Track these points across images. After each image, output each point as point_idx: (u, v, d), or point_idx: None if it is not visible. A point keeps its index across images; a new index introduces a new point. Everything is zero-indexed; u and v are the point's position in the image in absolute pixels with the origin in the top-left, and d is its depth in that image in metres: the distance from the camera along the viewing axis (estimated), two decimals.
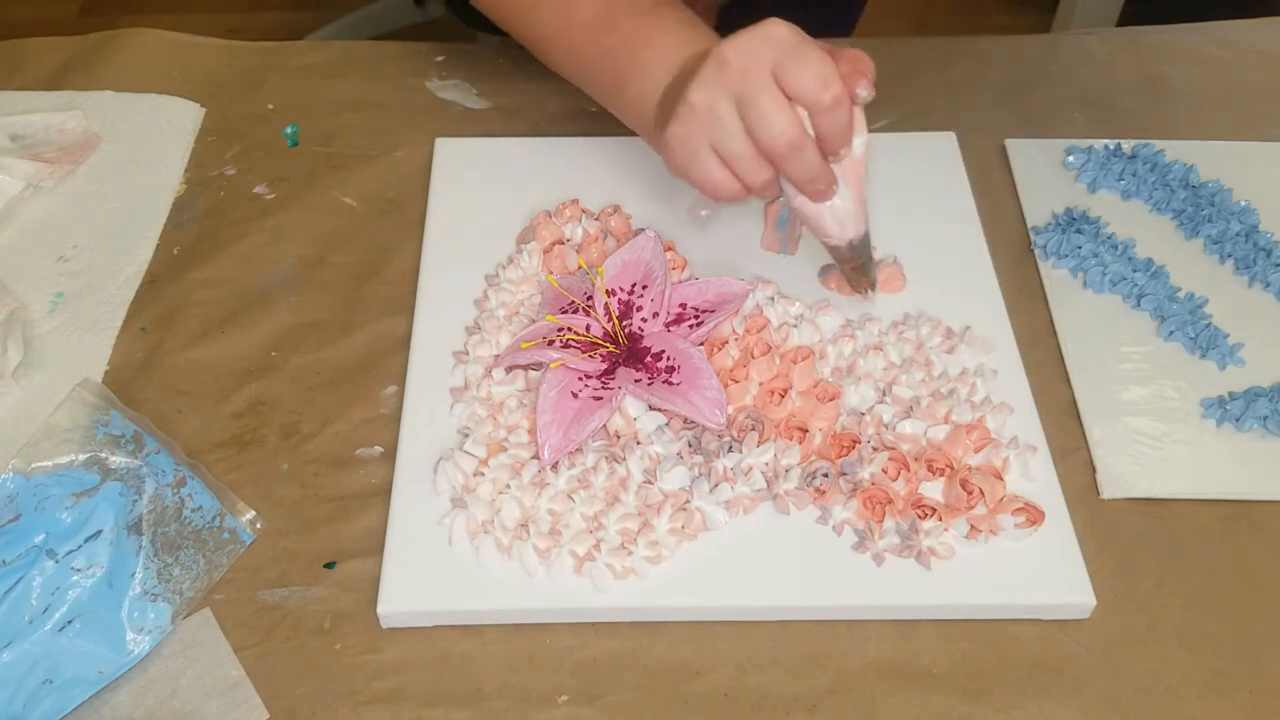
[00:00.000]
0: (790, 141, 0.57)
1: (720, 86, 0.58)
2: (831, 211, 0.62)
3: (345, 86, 0.85)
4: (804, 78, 0.56)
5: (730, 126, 0.58)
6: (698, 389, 0.60)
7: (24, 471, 0.59)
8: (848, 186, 0.61)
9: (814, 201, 0.61)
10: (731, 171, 0.60)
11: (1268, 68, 0.88)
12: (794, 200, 0.62)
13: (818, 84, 0.56)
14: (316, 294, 0.71)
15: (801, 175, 0.59)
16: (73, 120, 0.80)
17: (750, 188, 0.61)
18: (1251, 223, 0.74)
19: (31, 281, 0.71)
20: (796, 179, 0.60)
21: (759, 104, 0.57)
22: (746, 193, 0.61)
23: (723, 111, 0.58)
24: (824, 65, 0.57)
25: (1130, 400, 0.65)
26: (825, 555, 0.58)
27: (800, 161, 0.58)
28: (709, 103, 0.58)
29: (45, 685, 0.53)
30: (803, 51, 0.57)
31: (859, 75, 0.58)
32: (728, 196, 0.61)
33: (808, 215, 0.62)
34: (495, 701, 0.54)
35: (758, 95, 0.57)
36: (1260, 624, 0.57)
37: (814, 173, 0.59)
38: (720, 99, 0.58)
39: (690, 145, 0.60)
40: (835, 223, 0.62)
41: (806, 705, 0.54)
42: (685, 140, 0.60)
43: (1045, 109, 0.84)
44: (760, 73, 0.57)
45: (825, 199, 0.61)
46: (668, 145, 0.61)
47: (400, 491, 0.60)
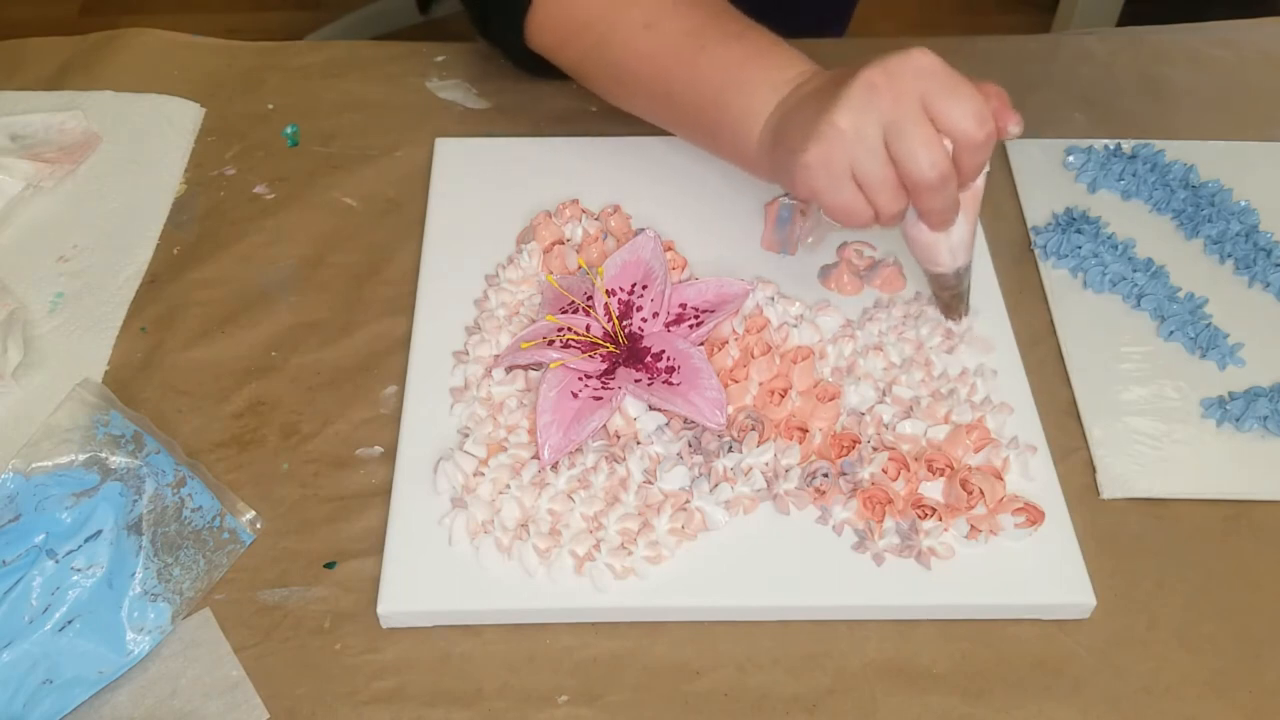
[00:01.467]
0: (941, 175, 0.57)
1: (869, 112, 0.57)
2: (947, 240, 0.61)
3: (345, 86, 0.85)
4: (959, 112, 0.56)
5: (876, 154, 0.57)
6: (698, 389, 0.60)
7: (24, 471, 0.59)
8: (965, 216, 0.61)
9: (934, 231, 0.61)
10: (867, 199, 0.59)
11: (1268, 68, 0.88)
12: (910, 229, 0.62)
13: (973, 120, 0.56)
14: (316, 294, 0.71)
15: (937, 207, 0.59)
16: (73, 120, 0.80)
17: (881, 215, 0.60)
18: (1251, 223, 0.74)
19: (31, 281, 0.71)
20: (931, 211, 0.59)
21: (911, 135, 0.56)
22: (875, 220, 0.60)
23: (870, 137, 0.57)
24: (979, 101, 0.56)
25: (1130, 400, 0.65)
26: (825, 555, 0.58)
27: (942, 195, 0.58)
28: (857, 127, 0.57)
29: (45, 685, 0.53)
30: (956, 85, 0.56)
31: (1008, 111, 0.58)
32: (859, 223, 0.60)
33: (923, 244, 0.62)
34: (495, 701, 0.54)
35: (909, 126, 0.56)
36: (1260, 624, 0.57)
37: (949, 205, 0.59)
38: (868, 124, 0.57)
39: (831, 169, 0.58)
40: (949, 252, 0.62)
41: (806, 705, 0.54)
42: (828, 163, 0.58)
43: (1045, 109, 0.84)
44: (912, 102, 0.56)
45: (946, 229, 0.61)
46: (805, 166, 0.59)
47: (400, 491, 0.60)
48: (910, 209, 0.60)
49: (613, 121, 0.82)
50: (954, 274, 0.64)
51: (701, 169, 0.77)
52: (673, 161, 0.77)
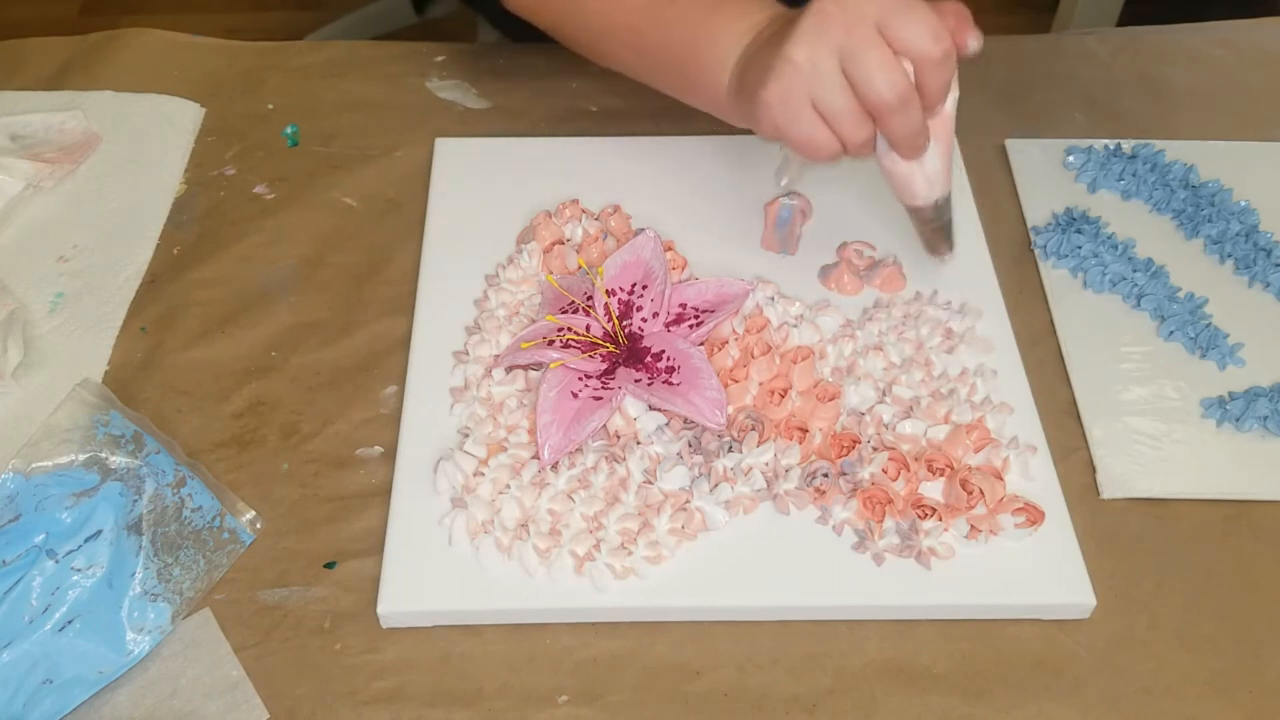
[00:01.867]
0: (899, 96, 0.56)
1: (823, 41, 0.57)
2: (922, 170, 0.61)
3: (345, 86, 0.85)
4: (913, 31, 0.56)
5: (833, 82, 0.57)
6: (698, 389, 0.60)
7: (24, 471, 0.59)
8: (938, 144, 0.60)
9: (906, 159, 0.61)
10: (831, 129, 0.59)
11: (1268, 68, 0.88)
12: (885, 160, 0.61)
13: (928, 37, 0.56)
14: (316, 294, 0.71)
15: (903, 132, 0.58)
16: (73, 120, 0.80)
17: (849, 145, 0.59)
18: (1251, 223, 0.74)
19: (31, 281, 0.71)
20: (897, 135, 0.59)
21: (866, 58, 0.56)
22: (843, 151, 0.60)
23: (826, 67, 0.57)
24: (932, 18, 0.56)
25: (1130, 400, 0.65)
26: (825, 555, 0.58)
27: (904, 118, 0.58)
28: (811, 58, 0.57)
29: (45, 685, 0.53)
30: (908, 4, 0.56)
31: (966, 27, 0.58)
32: (826, 155, 0.60)
33: (898, 175, 0.62)
34: (495, 701, 0.54)
35: (864, 50, 0.56)
36: (1260, 624, 0.57)
37: (915, 129, 0.58)
38: (823, 54, 0.57)
39: (791, 102, 0.58)
40: (925, 181, 0.62)
41: (806, 705, 0.54)
42: (786, 97, 0.58)
43: (1045, 109, 0.84)
44: (865, 27, 0.56)
45: (918, 156, 0.60)
46: (764, 104, 0.59)
47: (400, 491, 0.60)
48: (881, 140, 0.60)
49: (613, 121, 0.82)
50: (933, 207, 0.63)
51: (701, 169, 0.77)
52: (673, 161, 0.77)
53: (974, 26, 0.58)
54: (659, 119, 0.80)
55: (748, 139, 0.76)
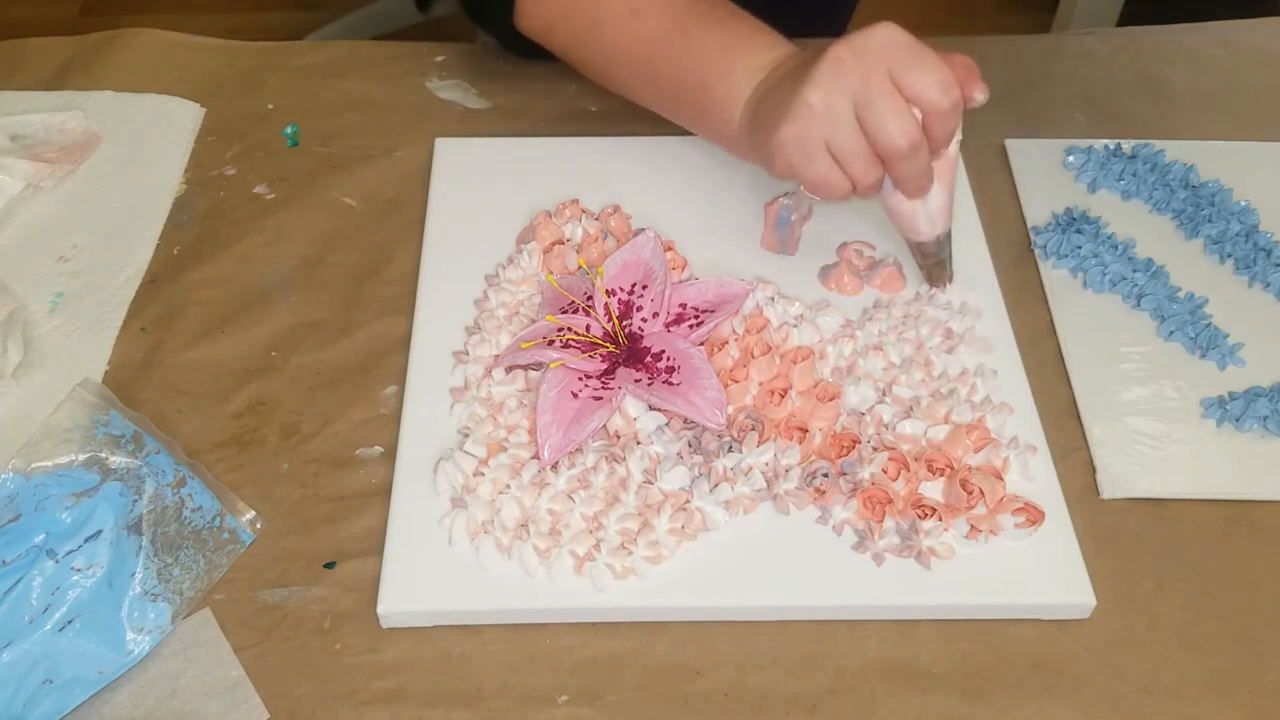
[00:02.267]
0: (912, 143, 0.59)
1: (839, 88, 0.59)
2: (924, 208, 0.64)
3: (345, 86, 0.85)
4: (924, 82, 0.58)
5: (848, 126, 0.60)
6: (698, 389, 0.60)
7: (24, 471, 0.59)
8: (941, 184, 0.63)
9: (910, 199, 0.63)
10: (843, 171, 0.61)
11: (1268, 68, 0.88)
12: (888, 198, 0.64)
13: (938, 89, 0.58)
14: (316, 294, 0.71)
15: (911, 174, 0.61)
16: (73, 120, 0.80)
17: (858, 186, 0.62)
18: (1251, 223, 0.74)
19: (31, 281, 0.71)
20: (905, 178, 0.62)
21: (880, 106, 0.58)
22: (853, 191, 0.63)
23: (840, 111, 0.59)
24: (943, 70, 0.58)
25: (1130, 400, 0.65)
26: (825, 555, 0.58)
27: (913, 163, 0.60)
28: (827, 102, 0.59)
29: (45, 685, 0.53)
30: (920, 55, 0.58)
31: (974, 79, 0.60)
32: (836, 195, 0.63)
33: (902, 213, 0.64)
34: (495, 701, 0.54)
35: (879, 98, 0.58)
36: (1260, 624, 0.57)
37: (922, 172, 0.61)
38: (838, 99, 0.59)
39: (807, 144, 0.61)
40: (927, 219, 0.64)
41: (806, 705, 0.54)
42: (801, 140, 0.61)
43: (1045, 109, 0.84)
44: (880, 75, 0.58)
45: (922, 196, 0.63)
46: (780, 144, 0.62)
47: (400, 491, 0.60)
48: (887, 180, 0.63)
49: (613, 121, 0.82)
50: (934, 241, 0.66)
51: (701, 169, 0.77)
52: (673, 161, 0.77)
53: (980, 79, 0.61)
54: (659, 119, 0.80)
55: None
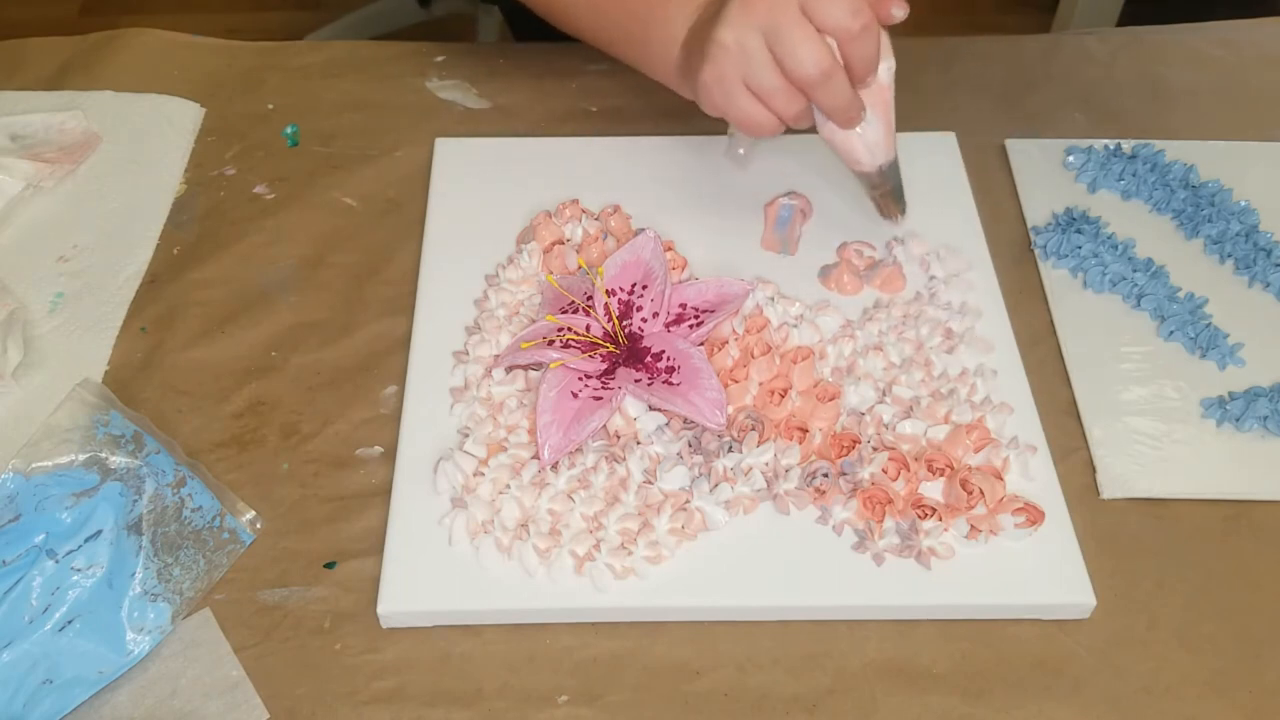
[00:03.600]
0: (822, 71, 0.59)
1: (748, 23, 0.59)
2: (861, 139, 0.63)
3: (345, 86, 0.85)
4: (831, 8, 0.58)
5: (761, 61, 0.59)
6: (698, 389, 0.60)
7: (24, 471, 0.59)
8: (875, 113, 0.63)
9: (843, 129, 0.63)
10: (766, 106, 0.61)
11: (1268, 68, 0.88)
12: (824, 129, 0.64)
13: (846, 12, 0.58)
14: (316, 294, 0.71)
15: (833, 103, 0.61)
16: (73, 120, 0.80)
17: (784, 119, 0.62)
18: (1251, 223, 0.74)
19: (31, 281, 0.71)
20: (828, 107, 0.61)
21: (788, 36, 0.58)
22: (782, 125, 0.62)
23: (752, 47, 0.59)
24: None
25: (1130, 400, 0.65)
26: (825, 555, 0.58)
27: (831, 90, 0.60)
28: (739, 40, 0.59)
29: (45, 685, 0.53)
30: None
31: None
32: (766, 131, 0.62)
33: (839, 144, 0.64)
34: (495, 701, 0.54)
35: (786, 28, 0.58)
36: (1260, 624, 0.57)
37: (845, 100, 0.61)
38: (749, 35, 0.59)
39: (725, 84, 0.61)
40: (866, 150, 0.64)
41: (806, 705, 0.54)
42: (719, 80, 0.61)
43: (1045, 109, 0.84)
44: (787, 6, 0.58)
45: (854, 126, 0.63)
46: (702, 86, 0.62)
47: (400, 491, 0.60)
48: (819, 112, 0.62)
49: (613, 121, 0.82)
50: (877, 172, 0.66)
51: (701, 169, 0.77)
52: (673, 161, 0.77)
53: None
54: (659, 119, 0.80)
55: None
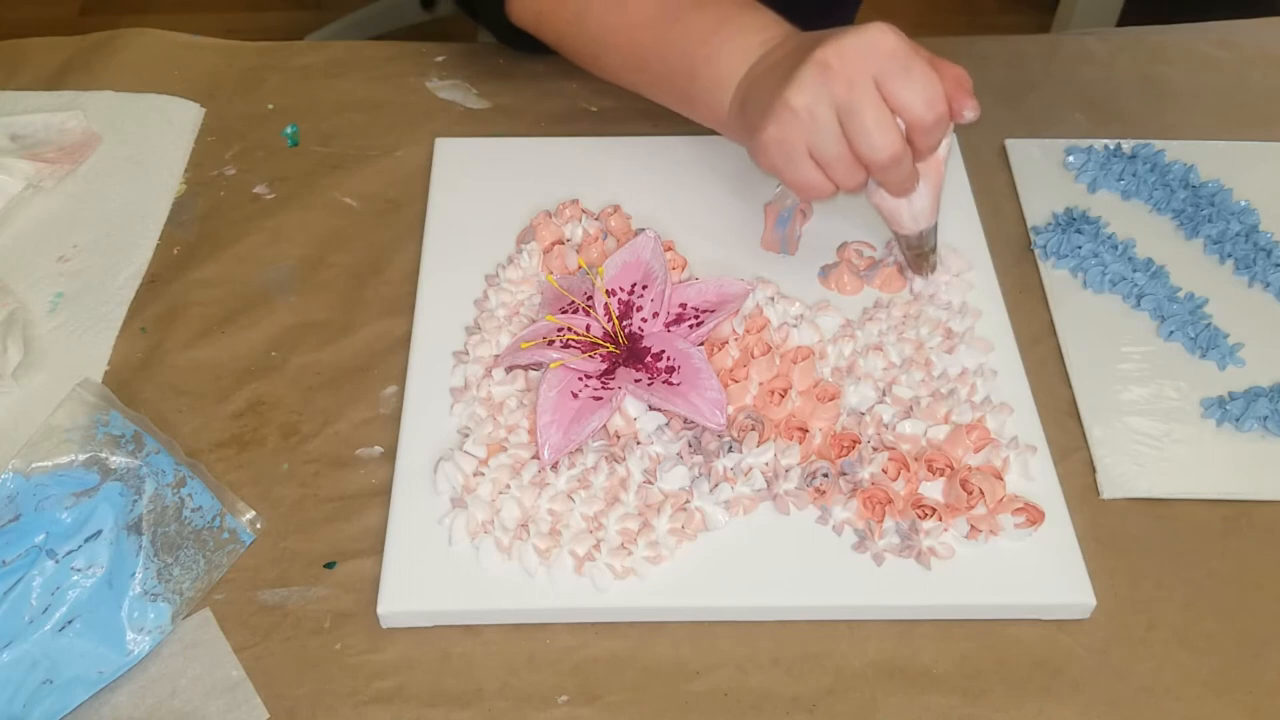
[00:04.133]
0: (893, 156, 0.58)
1: (822, 92, 0.58)
2: (909, 207, 0.64)
3: (345, 86, 0.85)
4: (910, 95, 0.57)
5: (830, 133, 0.59)
6: (698, 389, 0.60)
7: (24, 471, 0.59)
8: (928, 184, 0.63)
9: (895, 198, 0.63)
10: (825, 173, 0.61)
11: (1268, 68, 0.88)
12: (873, 196, 0.64)
13: (924, 104, 0.57)
14: (316, 294, 0.71)
15: (894, 181, 0.61)
16: (73, 120, 0.80)
17: (842, 188, 0.62)
18: (1251, 223, 0.74)
19: (31, 281, 0.71)
20: (888, 183, 0.61)
21: (863, 116, 0.57)
22: (836, 192, 0.62)
23: (823, 118, 0.58)
24: (930, 83, 0.57)
25: (1130, 400, 0.65)
26: (825, 555, 0.58)
27: (896, 172, 0.60)
28: (809, 108, 0.58)
29: (45, 685, 0.53)
30: (909, 66, 0.57)
31: (964, 95, 0.59)
32: (820, 197, 0.63)
33: (886, 209, 0.64)
34: (495, 701, 0.54)
35: (862, 107, 0.57)
36: (1260, 624, 0.57)
37: (905, 178, 0.61)
38: (821, 105, 0.58)
39: (787, 148, 0.60)
40: (911, 217, 0.64)
41: (806, 705, 0.54)
42: (782, 143, 0.60)
43: (1045, 109, 0.84)
44: (864, 83, 0.57)
45: (906, 196, 0.63)
46: (763, 146, 0.61)
47: (400, 491, 0.60)
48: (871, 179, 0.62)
49: (613, 121, 0.82)
50: (917, 236, 0.66)
51: (701, 169, 0.77)
52: (673, 161, 0.77)
53: (971, 95, 0.59)
54: (659, 119, 0.80)
55: None
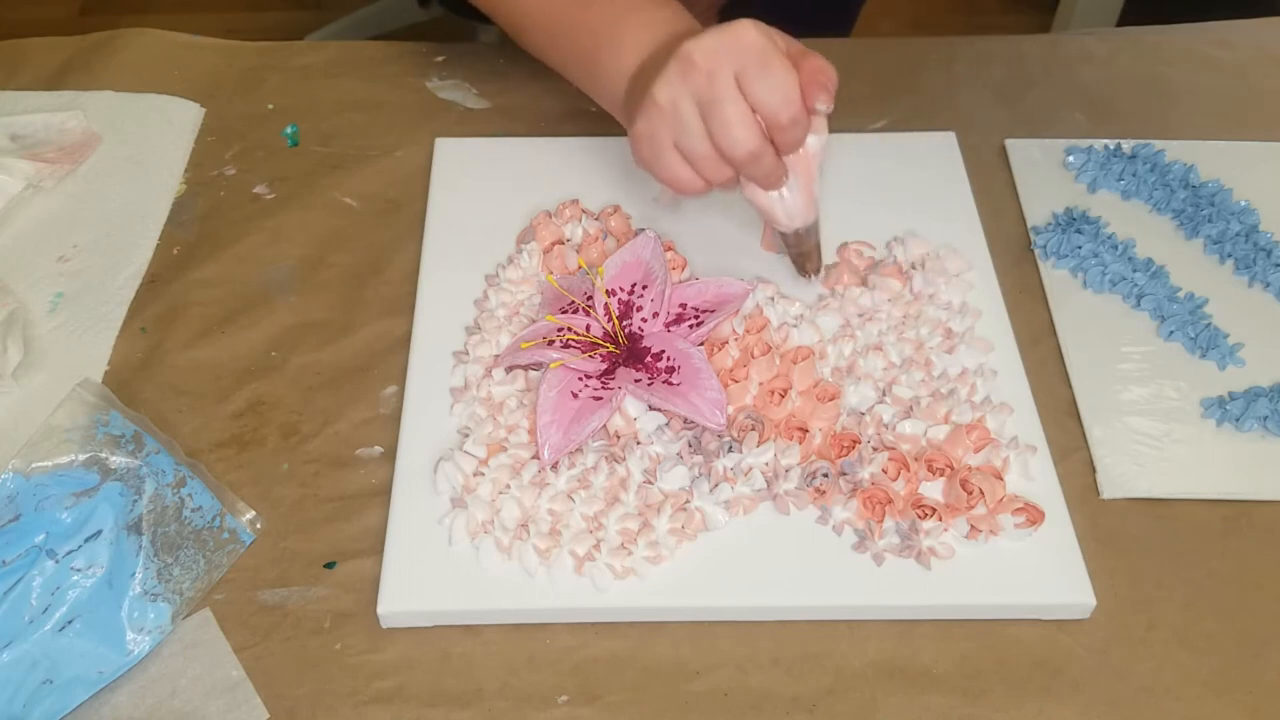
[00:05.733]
0: (750, 152, 0.59)
1: (685, 87, 0.59)
2: (781, 203, 0.64)
3: (345, 86, 0.85)
4: (766, 92, 0.57)
5: (693, 128, 0.59)
6: (698, 389, 0.60)
7: (24, 471, 0.59)
8: (798, 180, 0.63)
9: (765, 191, 0.63)
10: (694, 169, 0.61)
11: (1268, 68, 0.88)
12: (745, 189, 0.64)
13: (780, 101, 0.58)
14: (316, 294, 0.71)
15: (758, 175, 0.61)
16: (73, 120, 0.80)
17: (711, 184, 0.62)
18: (1251, 223, 0.74)
19: (31, 281, 0.71)
20: (753, 177, 0.62)
21: (722, 112, 0.58)
22: (709, 187, 0.62)
23: (686, 113, 0.59)
24: (786, 82, 0.58)
25: (1130, 400, 0.65)
26: (825, 555, 0.58)
27: (758, 167, 0.60)
28: (673, 102, 0.59)
29: (45, 685, 0.53)
30: (767, 62, 0.57)
31: (818, 88, 0.59)
32: (691, 191, 0.63)
33: (759, 204, 0.64)
34: (495, 701, 0.54)
35: (721, 103, 0.58)
36: (1260, 624, 0.57)
37: (769, 172, 0.61)
38: (684, 100, 0.59)
39: (655, 143, 0.61)
40: (785, 213, 0.64)
41: (806, 705, 0.54)
42: (650, 138, 0.61)
43: (1045, 109, 0.84)
44: (724, 78, 0.58)
45: (775, 190, 0.63)
46: (635, 140, 0.62)
47: (400, 491, 0.60)
48: None
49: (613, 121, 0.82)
50: (793, 234, 0.66)
51: None
52: None
53: (827, 88, 0.59)
54: None
55: None
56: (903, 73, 0.86)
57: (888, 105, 0.83)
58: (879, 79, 0.85)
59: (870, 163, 0.71)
